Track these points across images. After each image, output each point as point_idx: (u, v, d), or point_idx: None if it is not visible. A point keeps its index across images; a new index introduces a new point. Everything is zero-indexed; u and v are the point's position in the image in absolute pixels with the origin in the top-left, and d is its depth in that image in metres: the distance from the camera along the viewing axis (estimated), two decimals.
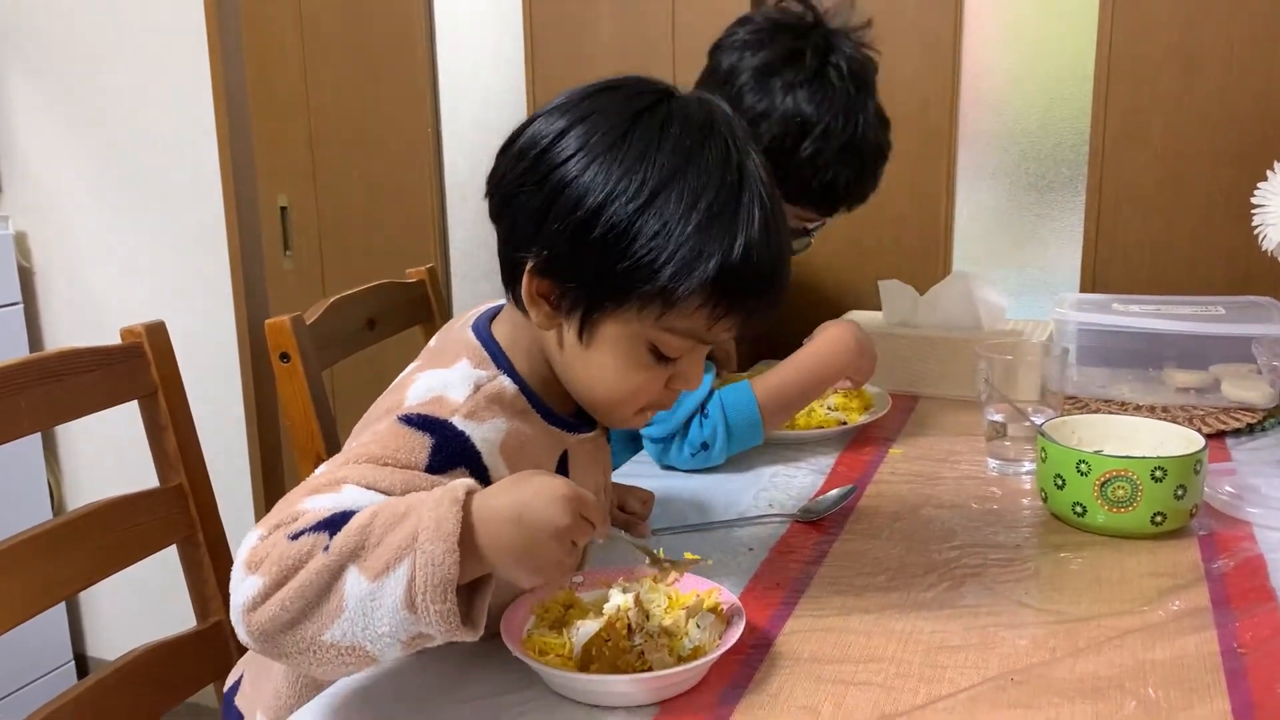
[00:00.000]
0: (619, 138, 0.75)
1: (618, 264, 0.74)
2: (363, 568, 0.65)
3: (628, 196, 0.73)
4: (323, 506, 0.69)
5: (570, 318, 0.78)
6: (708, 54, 1.29)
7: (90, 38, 2.22)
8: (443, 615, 0.65)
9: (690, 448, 1.18)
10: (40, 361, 1.01)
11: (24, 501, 2.34)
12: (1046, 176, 1.65)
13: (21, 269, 2.37)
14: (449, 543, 0.64)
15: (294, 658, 0.68)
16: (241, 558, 0.68)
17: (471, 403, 0.78)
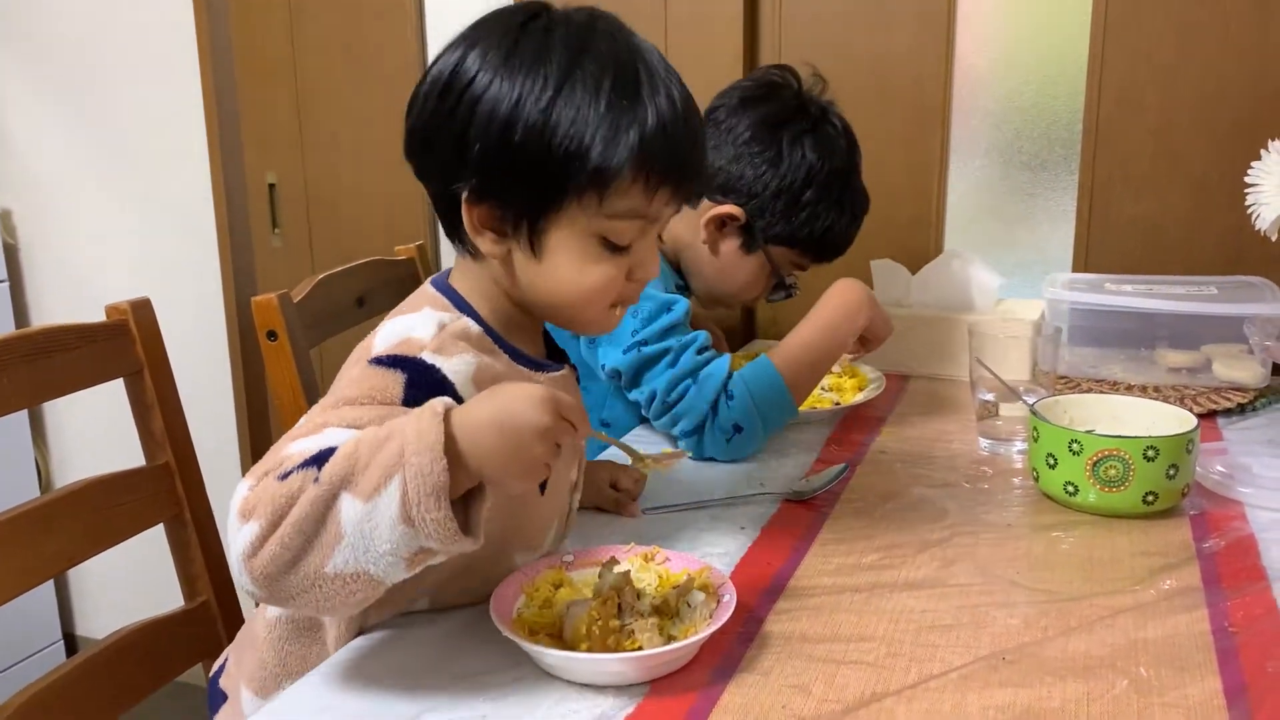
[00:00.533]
0: (511, 48, 0.78)
1: (545, 162, 0.76)
2: (355, 491, 0.66)
3: (535, 96, 0.76)
4: (307, 447, 0.70)
5: (518, 235, 0.80)
6: (704, 115, 1.30)
7: (77, 14, 2.20)
8: (439, 523, 0.65)
9: (723, 433, 1.14)
10: (25, 338, 1.00)
11: (12, 479, 2.33)
12: (1040, 155, 1.65)
13: (6, 246, 2.35)
14: (435, 451, 0.65)
15: (300, 598, 0.68)
16: (234, 509, 0.69)
17: (438, 339, 0.79)
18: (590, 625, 0.73)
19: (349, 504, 0.66)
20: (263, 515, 0.67)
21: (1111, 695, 0.72)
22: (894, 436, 1.25)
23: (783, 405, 1.17)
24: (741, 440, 1.15)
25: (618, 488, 1.05)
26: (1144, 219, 1.59)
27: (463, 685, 0.74)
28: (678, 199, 0.83)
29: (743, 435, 1.15)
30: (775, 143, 1.26)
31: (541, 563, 0.83)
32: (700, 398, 1.14)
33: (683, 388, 1.15)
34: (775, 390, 1.16)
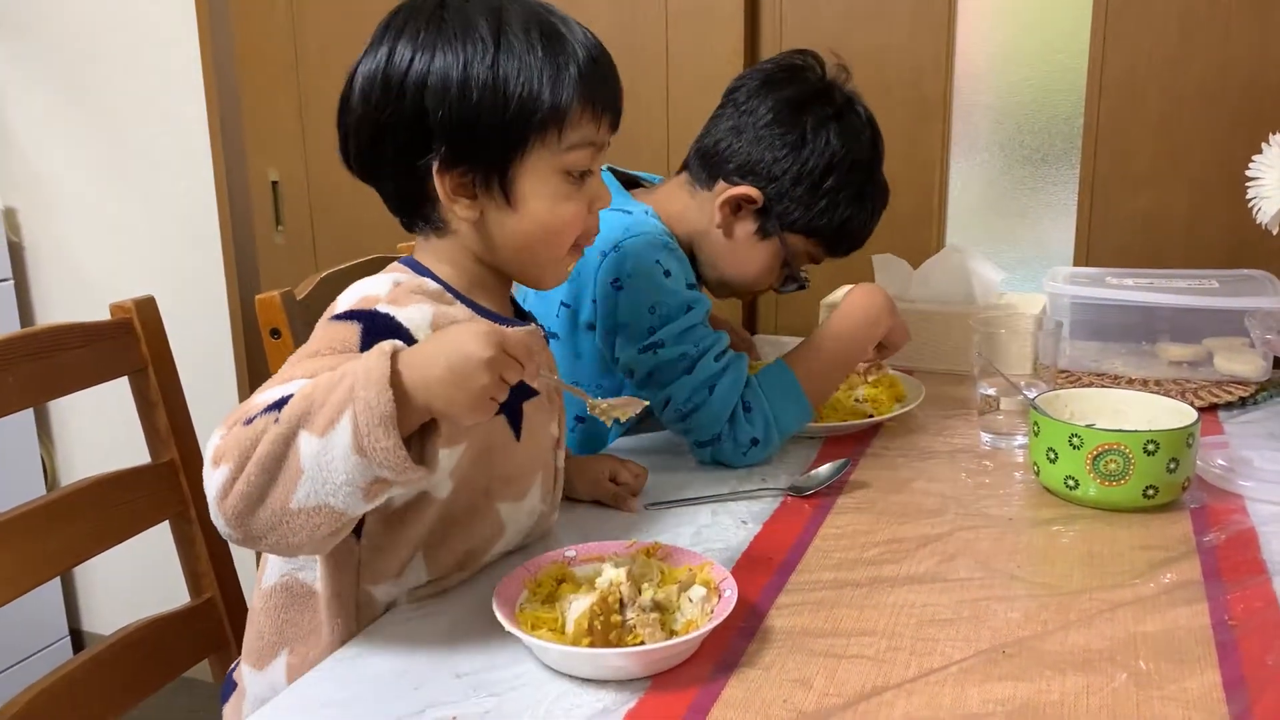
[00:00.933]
0: (439, 25, 0.84)
1: (505, 112, 0.82)
2: (311, 428, 0.69)
3: (479, 58, 0.82)
4: (270, 396, 0.73)
5: (490, 192, 0.86)
6: (723, 96, 1.27)
7: (79, 12, 2.20)
8: (389, 451, 0.68)
9: (740, 446, 1.13)
10: (30, 337, 1.01)
11: (18, 477, 2.34)
12: (1041, 150, 1.65)
13: (11, 244, 2.36)
14: (381, 384, 0.68)
15: (270, 535, 0.71)
16: (208, 456, 0.72)
17: (393, 293, 0.84)
18: (593, 620, 0.74)
19: (306, 440, 0.69)
20: (230, 459, 0.70)
21: (1111, 688, 0.72)
22: (895, 431, 1.25)
23: (800, 414, 1.16)
24: (757, 452, 1.14)
25: (617, 481, 1.06)
26: (1145, 213, 1.59)
27: (465, 681, 0.75)
28: (613, 123, 0.90)
29: (759, 447, 1.13)
30: (799, 126, 1.21)
31: (544, 558, 0.84)
32: (717, 411, 1.12)
33: (699, 398, 1.12)
34: (793, 399, 1.15)
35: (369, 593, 0.87)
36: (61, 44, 2.24)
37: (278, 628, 0.91)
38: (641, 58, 1.78)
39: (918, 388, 1.32)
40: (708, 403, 1.12)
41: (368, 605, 0.87)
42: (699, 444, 1.15)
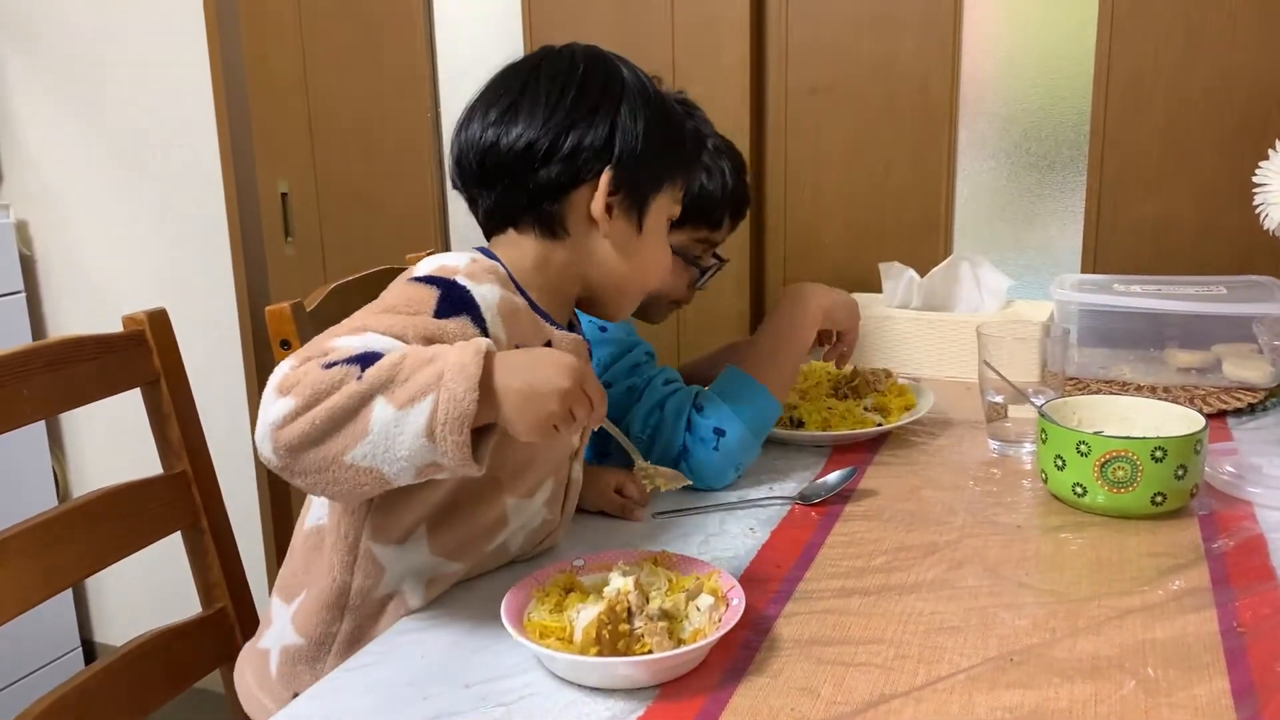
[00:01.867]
0: (646, 91, 0.96)
1: (670, 146, 0.95)
2: (391, 397, 0.72)
3: (636, 101, 0.94)
4: (352, 345, 0.77)
5: (630, 213, 0.94)
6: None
7: (89, 25, 2.22)
8: (457, 446, 0.71)
9: (706, 442, 1.11)
10: (43, 349, 1.02)
11: (29, 489, 2.35)
12: (1047, 157, 1.65)
13: (23, 257, 2.37)
14: (471, 383, 0.71)
15: (312, 475, 0.74)
16: (274, 383, 0.75)
17: (470, 268, 0.87)
18: (600, 629, 0.74)
19: (382, 407, 0.72)
20: (301, 394, 0.73)
21: (1119, 696, 0.72)
22: (903, 439, 1.26)
23: (756, 400, 1.14)
24: (729, 445, 1.11)
25: (623, 494, 1.06)
26: (1152, 219, 1.59)
27: (474, 691, 0.75)
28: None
29: (728, 439, 1.11)
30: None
31: (552, 567, 0.84)
32: (673, 423, 1.12)
33: (654, 419, 1.12)
34: (743, 384, 1.14)
35: (371, 551, 0.88)
36: (73, 57, 2.26)
37: (306, 567, 0.94)
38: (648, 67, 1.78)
39: (926, 396, 1.32)
40: (663, 420, 1.12)
41: (369, 561, 0.89)
42: (669, 460, 1.12)
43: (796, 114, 1.76)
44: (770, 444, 1.24)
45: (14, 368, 0.98)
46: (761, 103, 1.77)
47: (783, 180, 1.79)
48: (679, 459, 1.11)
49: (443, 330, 0.81)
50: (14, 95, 2.33)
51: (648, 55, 1.78)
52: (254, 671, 0.96)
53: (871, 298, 1.63)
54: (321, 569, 0.92)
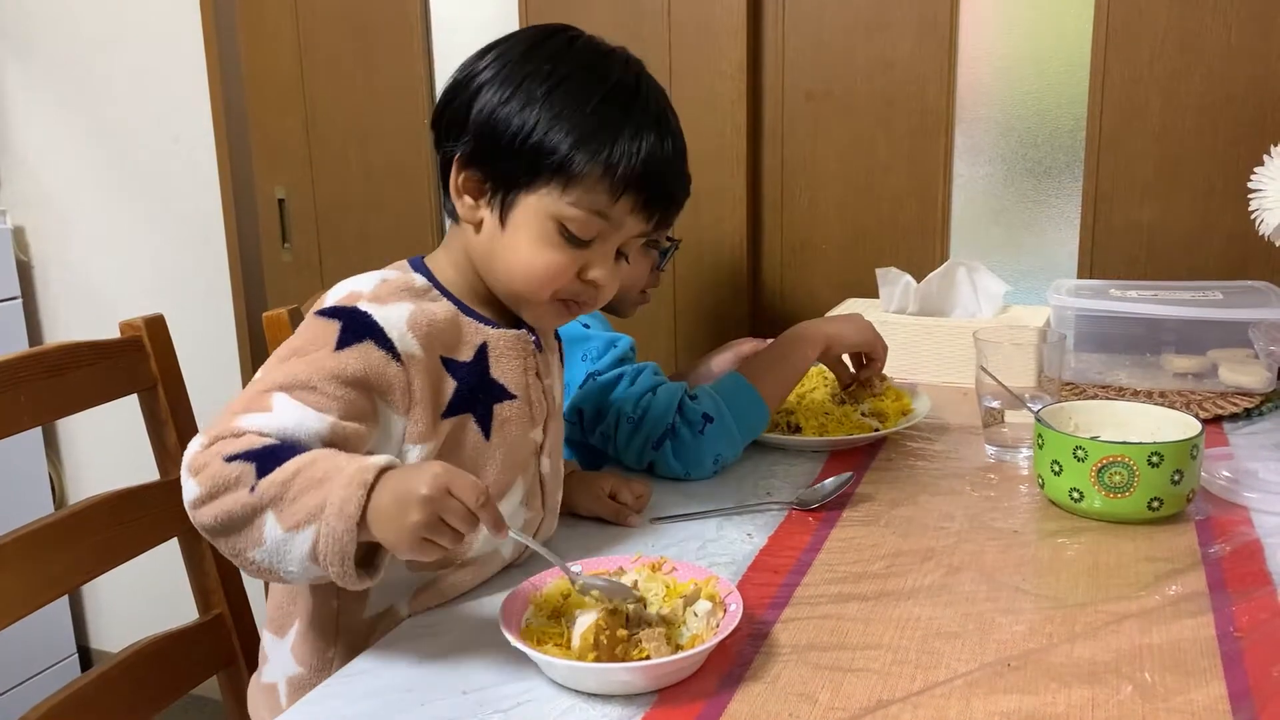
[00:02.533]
0: (531, 45, 0.89)
1: (526, 140, 0.86)
2: (279, 516, 0.74)
3: (534, 84, 0.86)
4: (256, 428, 0.78)
5: (491, 202, 0.89)
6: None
7: (86, 30, 2.22)
8: (340, 574, 0.73)
9: (693, 426, 1.12)
10: (40, 355, 1.01)
11: (25, 495, 2.35)
12: (1044, 162, 1.65)
13: (20, 263, 2.37)
14: (349, 523, 0.72)
15: (236, 558, 0.77)
16: (186, 461, 0.78)
17: (378, 289, 0.87)
18: (598, 635, 0.74)
19: (272, 523, 0.74)
20: (204, 484, 0.76)
21: (1116, 701, 0.72)
22: (900, 444, 1.26)
23: (748, 399, 1.16)
24: (715, 432, 1.13)
25: (617, 499, 1.06)
26: (1148, 225, 1.59)
27: (472, 697, 0.75)
28: (643, 214, 0.90)
29: (715, 426, 1.13)
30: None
31: (549, 573, 0.84)
32: (664, 405, 1.13)
33: (646, 401, 1.14)
34: (738, 385, 1.17)
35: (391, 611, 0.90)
36: (70, 63, 2.26)
37: (291, 598, 0.94)
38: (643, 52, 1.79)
39: (923, 401, 1.33)
40: (654, 403, 1.14)
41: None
42: (655, 442, 1.13)
43: (793, 119, 1.76)
44: (767, 449, 1.24)
45: (11, 374, 0.98)
46: (758, 108, 1.78)
47: (779, 185, 1.79)
48: (664, 438, 1.13)
49: (343, 365, 0.81)
50: (11, 100, 2.33)
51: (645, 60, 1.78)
52: (267, 706, 0.97)
53: (868, 303, 1.63)
54: (307, 598, 0.92)
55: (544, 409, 0.96)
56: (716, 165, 1.78)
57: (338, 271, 2.11)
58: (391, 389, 0.83)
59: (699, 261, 1.82)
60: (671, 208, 0.93)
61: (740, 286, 1.81)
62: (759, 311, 1.84)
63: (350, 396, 0.81)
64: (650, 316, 1.87)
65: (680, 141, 0.92)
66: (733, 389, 1.17)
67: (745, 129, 1.75)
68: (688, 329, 1.86)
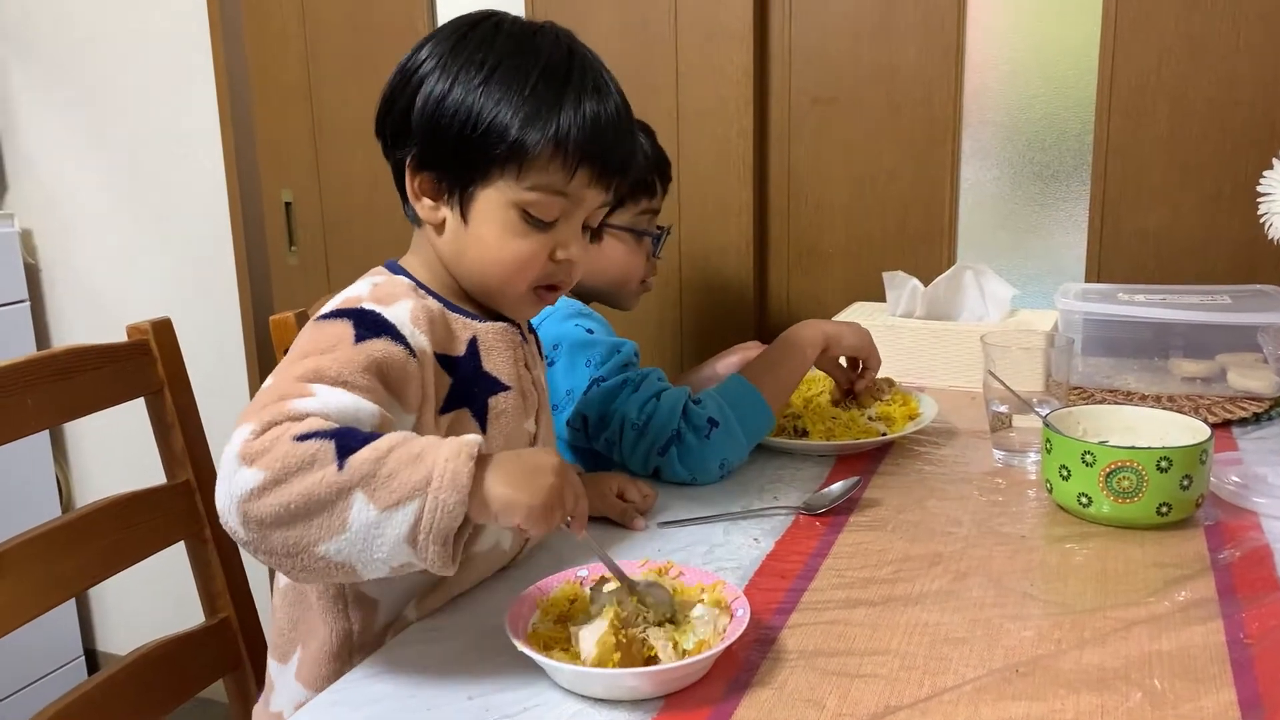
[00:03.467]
0: (459, 41, 0.88)
1: (473, 133, 0.85)
2: (372, 496, 0.69)
3: (469, 75, 0.86)
4: (318, 410, 0.73)
5: (450, 202, 0.89)
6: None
7: (94, 35, 2.23)
8: (439, 556, 0.70)
9: (699, 431, 1.12)
10: (47, 359, 1.02)
11: (33, 498, 2.35)
12: (1051, 166, 1.65)
13: (28, 266, 2.38)
14: (461, 494, 0.69)
15: (278, 556, 0.71)
16: (235, 451, 0.71)
17: (374, 292, 0.87)
18: (618, 635, 0.74)
19: (362, 505, 0.69)
20: (270, 467, 0.69)
21: (1125, 708, 0.72)
22: (907, 449, 1.25)
23: (752, 402, 1.16)
24: (720, 436, 1.13)
25: (624, 498, 1.06)
26: (1156, 229, 1.59)
27: (478, 703, 0.75)
28: (599, 183, 0.90)
29: (720, 430, 1.12)
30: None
31: (555, 578, 0.84)
32: (669, 411, 1.13)
33: (650, 407, 1.13)
34: (742, 388, 1.16)
35: (360, 591, 0.88)
36: (76, 67, 2.26)
37: (293, 623, 0.93)
38: (651, 78, 1.79)
39: (930, 405, 1.32)
40: (658, 409, 1.13)
41: (361, 601, 0.88)
42: (660, 448, 1.13)
43: (799, 124, 1.76)
44: (774, 454, 1.24)
45: (19, 377, 0.98)
46: (764, 112, 1.77)
47: (786, 190, 1.79)
48: (669, 444, 1.12)
49: (368, 356, 0.79)
50: (18, 104, 2.34)
51: (651, 65, 1.79)
52: None
53: (875, 307, 1.63)
54: (313, 623, 0.91)
55: (535, 399, 0.97)
56: (723, 170, 1.78)
57: (344, 275, 2.12)
58: (408, 384, 0.82)
59: (706, 266, 1.82)
60: (625, 171, 0.93)
61: (747, 291, 1.81)
62: (765, 316, 1.84)
63: (377, 388, 0.79)
64: (656, 321, 1.87)
65: (620, 102, 0.91)
66: (736, 392, 1.16)
67: (751, 134, 1.75)
68: (694, 334, 1.86)
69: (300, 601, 0.92)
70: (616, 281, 1.36)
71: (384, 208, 2.08)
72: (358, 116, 2.06)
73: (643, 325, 1.86)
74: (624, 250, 1.35)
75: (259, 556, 0.72)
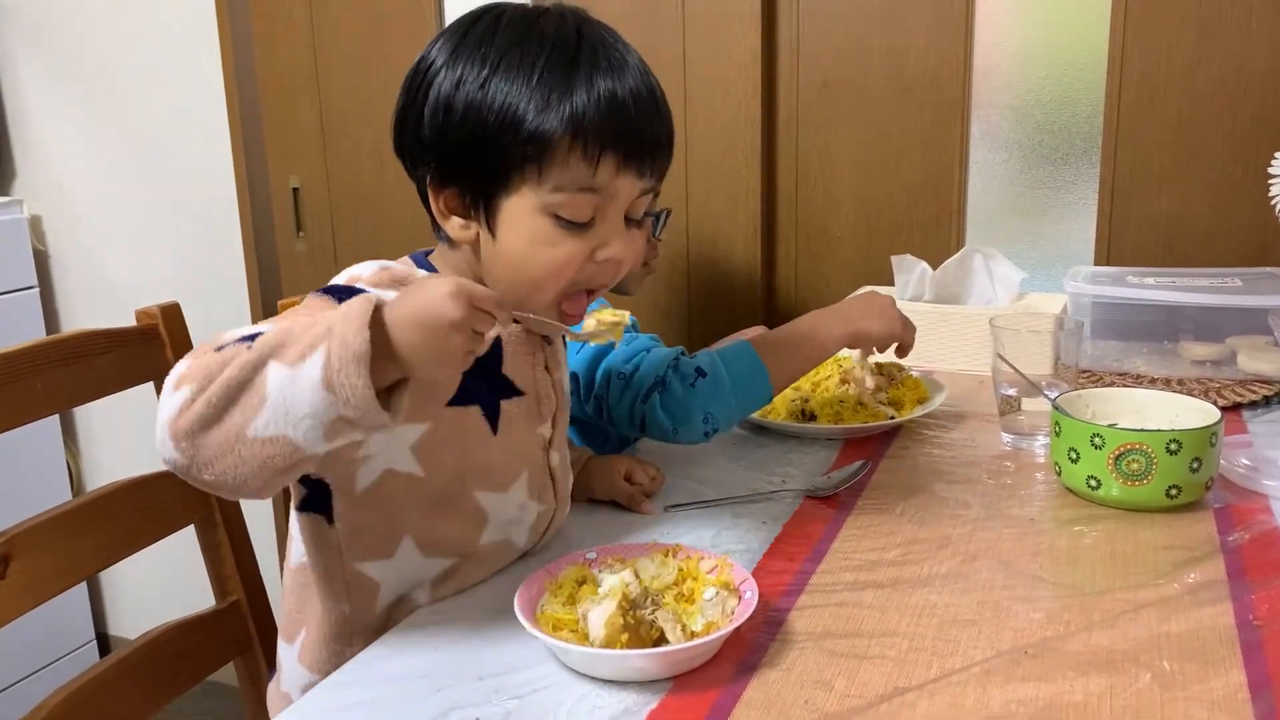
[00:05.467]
0: (461, 37, 0.84)
1: (483, 138, 0.81)
2: (282, 359, 0.68)
3: (473, 77, 0.81)
4: (245, 330, 0.73)
5: (478, 216, 0.85)
6: None
7: (101, 22, 2.23)
8: (357, 390, 0.67)
9: (685, 379, 1.06)
10: (57, 344, 1.02)
11: (44, 482, 2.37)
12: (1060, 149, 1.64)
13: (37, 252, 2.38)
14: (359, 323, 0.67)
15: (219, 461, 0.69)
16: (168, 382, 0.71)
17: (377, 277, 0.85)
18: (625, 616, 0.74)
19: (275, 369, 0.68)
20: (193, 380, 0.69)
21: (1135, 689, 0.72)
22: (916, 432, 1.25)
23: (750, 366, 1.09)
24: (707, 387, 1.06)
25: (632, 481, 1.06)
26: (1166, 212, 1.58)
27: (488, 683, 0.75)
28: (630, 169, 0.83)
29: (707, 381, 1.06)
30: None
31: (564, 559, 0.84)
32: (658, 359, 1.09)
33: (639, 359, 1.10)
34: (746, 353, 1.10)
35: (359, 571, 0.88)
36: (85, 54, 2.26)
37: (300, 605, 0.93)
38: (659, 62, 1.79)
39: (939, 389, 1.32)
40: (646, 360, 1.09)
41: (360, 584, 0.88)
42: (644, 393, 1.07)
43: (808, 108, 1.75)
44: (782, 437, 1.24)
45: (28, 362, 0.98)
46: (773, 97, 1.77)
47: (794, 174, 1.78)
48: (653, 389, 1.07)
49: None
50: (28, 91, 2.34)
51: (659, 49, 1.78)
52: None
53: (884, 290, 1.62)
54: (315, 605, 0.91)
55: (552, 403, 0.94)
56: (730, 154, 1.77)
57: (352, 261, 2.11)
58: None
59: (713, 251, 1.82)
60: (658, 152, 0.85)
61: (754, 276, 1.80)
62: (773, 301, 1.84)
63: None
64: (664, 305, 1.87)
65: (642, 76, 0.84)
66: (738, 354, 1.10)
67: (760, 118, 1.74)
68: (702, 319, 1.86)
69: (308, 584, 0.92)
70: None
71: (391, 193, 2.08)
72: (365, 103, 2.06)
73: (650, 310, 1.86)
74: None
75: (201, 476, 0.70)
